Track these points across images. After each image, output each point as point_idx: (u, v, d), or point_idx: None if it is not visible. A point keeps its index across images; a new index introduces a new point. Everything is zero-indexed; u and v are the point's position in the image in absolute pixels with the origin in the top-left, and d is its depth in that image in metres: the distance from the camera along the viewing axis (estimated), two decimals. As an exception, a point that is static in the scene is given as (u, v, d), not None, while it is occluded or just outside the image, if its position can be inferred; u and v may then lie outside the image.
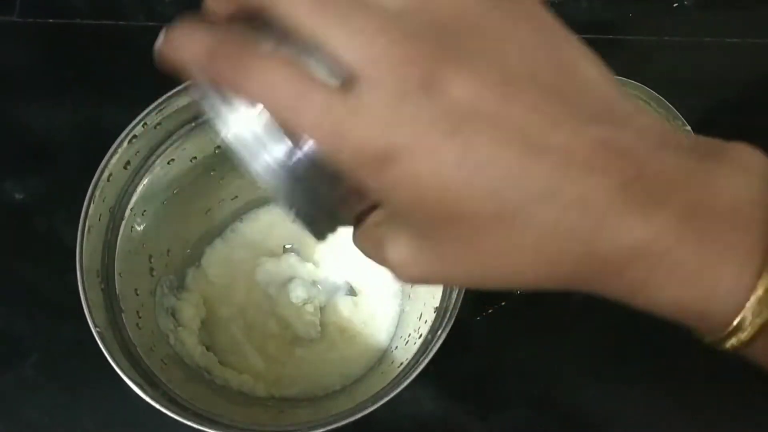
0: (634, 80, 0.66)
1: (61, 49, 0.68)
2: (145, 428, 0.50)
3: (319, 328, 0.54)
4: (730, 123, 0.65)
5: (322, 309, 0.55)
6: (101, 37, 0.68)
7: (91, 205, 0.41)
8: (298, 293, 0.53)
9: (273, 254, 0.56)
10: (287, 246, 0.56)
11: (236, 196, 0.55)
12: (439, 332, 0.40)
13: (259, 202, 0.57)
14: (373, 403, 0.39)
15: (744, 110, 0.67)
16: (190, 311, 0.51)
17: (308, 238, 0.25)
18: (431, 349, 0.39)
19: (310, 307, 0.53)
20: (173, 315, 0.50)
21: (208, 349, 0.51)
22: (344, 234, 0.57)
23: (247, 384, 0.51)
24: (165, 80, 0.43)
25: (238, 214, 0.57)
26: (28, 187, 0.62)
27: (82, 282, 0.40)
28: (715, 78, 0.68)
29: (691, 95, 0.66)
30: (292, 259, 0.55)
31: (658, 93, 0.62)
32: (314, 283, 0.55)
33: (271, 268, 0.55)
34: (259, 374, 0.52)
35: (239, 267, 0.55)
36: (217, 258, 0.55)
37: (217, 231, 0.56)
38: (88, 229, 0.41)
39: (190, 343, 0.50)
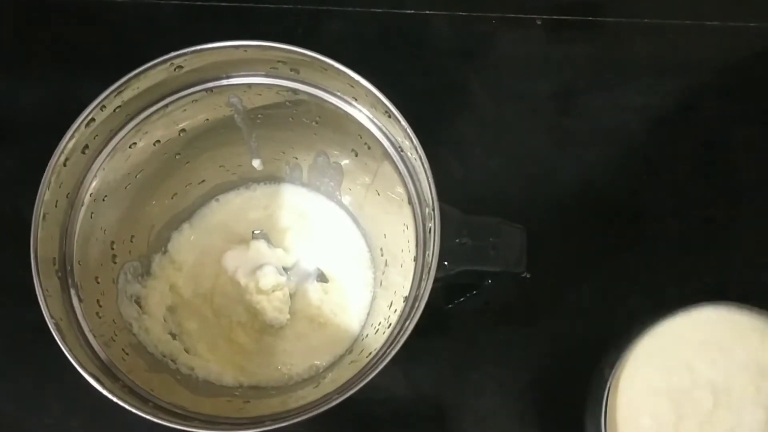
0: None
1: (27, 23, 0.65)
2: (111, 414, 0.49)
3: (288, 316, 0.53)
4: (712, 108, 0.65)
5: (291, 296, 0.53)
6: (69, 13, 0.66)
7: (47, 191, 0.40)
8: (267, 280, 0.52)
9: (242, 240, 0.54)
10: (256, 231, 0.54)
11: (203, 180, 0.53)
12: (407, 323, 0.39)
13: (228, 186, 0.55)
14: (340, 395, 0.38)
15: (724, 95, 0.66)
16: (155, 298, 0.50)
17: (278, 222, 0.24)
18: (399, 340, 0.38)
19: (279, 294, 0.52)
20: (137, 303, 0.49)
21: (174, 337, 0.50)
22: (314, 218, 0.55)
23: (214, 372, 0.49)
24: (132, 57, 0.42)
25: (206, 199, 0.55)
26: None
27: (37, 271, 0.38)
28: (697, 62, 0.67)
29: (672, 79, 0.66)
30: (261, 244, 0.53)
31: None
32: (284, 269, 0.54)
33: (239, 254, 0.53)
34: (227, 362, 0.51)
35: (207, 253, 0.54)
36: (184, 244, 0.54)
37: (184, 216, 0.55)
38: (43, 216, 0.39)
39: (155, 331, 0.49)
